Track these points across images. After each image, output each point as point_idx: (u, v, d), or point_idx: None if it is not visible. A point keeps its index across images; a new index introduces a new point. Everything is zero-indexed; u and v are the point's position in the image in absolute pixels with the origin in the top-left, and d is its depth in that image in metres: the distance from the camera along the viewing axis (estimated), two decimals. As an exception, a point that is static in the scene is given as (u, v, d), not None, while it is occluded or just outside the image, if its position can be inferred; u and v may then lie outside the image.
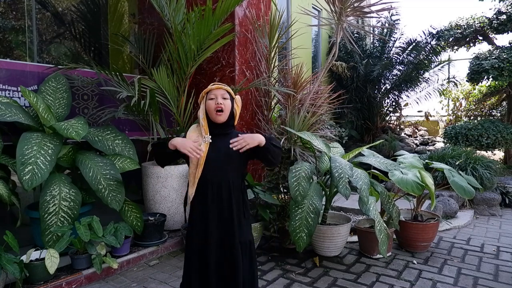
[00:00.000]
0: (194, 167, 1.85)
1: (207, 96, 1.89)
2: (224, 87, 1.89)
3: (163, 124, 3.73)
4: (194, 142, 1.82)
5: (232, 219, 1.86)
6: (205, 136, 1.85)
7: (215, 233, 1.85)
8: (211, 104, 1.85)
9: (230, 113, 1.89)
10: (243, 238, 1.89)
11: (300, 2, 6.44)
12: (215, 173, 1.85)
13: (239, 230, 1.87)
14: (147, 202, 3.61)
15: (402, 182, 2.99)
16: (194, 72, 3.88)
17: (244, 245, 1.90)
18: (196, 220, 1.90)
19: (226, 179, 1.86)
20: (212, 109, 1.84)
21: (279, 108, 4.30)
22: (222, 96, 1.86)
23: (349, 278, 2.85)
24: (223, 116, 1.86)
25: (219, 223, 1.86)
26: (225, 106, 1.85)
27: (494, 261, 3.19)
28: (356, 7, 3.39)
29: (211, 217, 1.85)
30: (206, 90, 1.90)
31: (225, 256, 1.86)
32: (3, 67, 3.10)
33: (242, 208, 1.91)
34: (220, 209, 1.86)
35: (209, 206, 1.86)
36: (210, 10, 3.12)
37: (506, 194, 5.04)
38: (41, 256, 2.58)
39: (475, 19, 7.59)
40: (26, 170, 2.51)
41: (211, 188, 1.85)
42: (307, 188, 2.85)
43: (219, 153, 1.84)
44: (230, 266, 1.84)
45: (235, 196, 1.88)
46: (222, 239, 1.86)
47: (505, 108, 7.68)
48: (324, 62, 7.81)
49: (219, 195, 1.85)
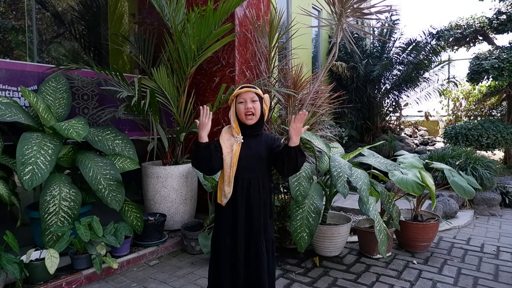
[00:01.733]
0: (228, 167, 1.90)
1: (237, 100, 1.93)
2: (253, 89, 1.92)
3: (163, 124, 3.73)
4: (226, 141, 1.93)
5: (259, 217, 1.93)
6: (237, 136, 1.91)
7: (243, 230, 1.92)
8: (241, 107, 1.90)
9: (260, 114, 1.94)
10: (267, 236, 1.97)
11: (300, 2, 6.44)
12: (246, 172, 1.91)
13: (264, 228, 1.95)
14: (147, 202, 3.61)
15: (402, 182, 2.99)
16: (194, 72, 3.88)
17: (268, 242, 1.97)
18: (225, 217, 1.96)
19: (256, 178, 1.93)
20: (242, 113, 1.89)
21: (279, 108, 4.30)
22: (251, 99, 1.90)
23: (349, 278, 2.85)
24: (254, 119, 1.91)
25: (247, 220, 1.93)
26: (255, 110, 1.90)
27: (494, 261, 3.19)
28: (356, 8, 3.39)
29: (240, 214, 1.92)
30: (235, 93, 1.94)
31: (250, 252, 1.93)
32: (3, 67, 3.10)
33: (268, 207, 1.99)
34: (248, 207, 1.92)
35: (238, 204, 1.92)
36: (211, 11, 3.12)
37: (506, 194, 5.05)
38: (41, 256, 2.58)
39: (475, 19, 7.59)
40: (26, 170, 2.51)
41: (241, 186, 1.91)
42: (307, 188, 2.85)
43: (250, 153, 1.91)
44: (255, 261, 1.92)
45: (263, 195, 1.95)
46: (249, 236, 1.93)
47: (505, 108, 7.69)
48: (324, 62, 7.81)
49: (248, 193, 1.92)
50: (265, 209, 1.97)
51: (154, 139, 3.46)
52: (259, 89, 1.95)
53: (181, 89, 3.61)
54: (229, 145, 1.92)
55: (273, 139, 2.00)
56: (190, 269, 2.99)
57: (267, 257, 1.96)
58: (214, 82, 4.07)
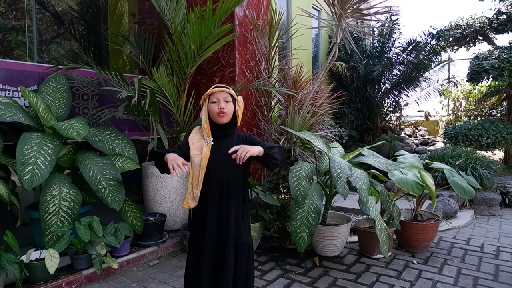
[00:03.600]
0: (197, 169, 1.84)
1: (209, 99, 1.88)
2: (227, 90, 1.88)
3: (163, 124, 3.73)
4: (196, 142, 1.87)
5: (229, 221, 1.86)
6: (207, 138, 1.86)
7: (213, 234, 1.86)
8: (214, 107, 1.85)
9: (232, 114, 1.90)
10: (240, 241, 1.89)
11: (300, 2, 6.44)
12: (216, 174, 1.85)
13: (235, 232, 1.87)
14: (147, 202, 3.61)
15: (402, 182, 2.99)
16: (194, 72, 3.88)
17: (242, 247, 1.89)
18: (196, 221, 1.91)
19: (227, 180, 1.86)
20: (215, 113, 1.85)
21: (279, 108, 4.30)
22: (224, 100, 1.85)
23: (349, 278, 2.85)
24: (226, 118, 1.86)
25: (217, 225, 1.87)
26: (227, 110, 1.85)
27: (494, 261, 3.19)
28: (355, 9, 3.39)
29: (210, 218, 1.86)
30: (208, 92, 1.89)
31: (218, 258, 1.86)
32: (3, 67, 3.10)
33: (241, 209, 1.91)
34: (219, 211, 1.86)
35: (208, 207, 1.86)
36: (210, 11, 3.12)
37: (506, 194, 5.04)
38: (41, 256, 2.58)
39: (475, 19, 7.59)
40: (26, 170, 2.51)
41: (211, 190, 1.86)
42: (307, 188, 2.85)
43: (221, 154, 1.84)
44: (221, 267, 1.84)
45: (235, 198, 1.88)
46: (218, 241, 1.87)
47: (505, 108, 7.68)
48: (324, 62, 7.81)
49: (220, 196, 1.86)
50: (237, 211, 1.89)
51: (154, 139, 3.46)
52: (232, 90, 1.92)
53: (181, 89, 3.61)
54: (198, 146, 1.87)
55: (244, 138, 1.94)
56: (190, 269, 2.99)
57: (241, 264, 1.88)
58: (214, 82, 4.07)
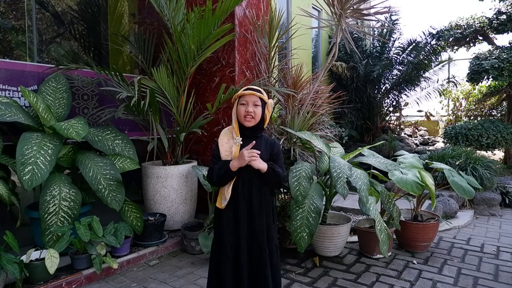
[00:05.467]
0: None
1: (239, 101, 1.89)
2: (258, 93, 1.88)
3: (163, 124, 3.73)
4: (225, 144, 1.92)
5: (261, 219, 1.90)
6: (236, 138, 1.89)
7: (245, 232, 1.89)
8: (242, 109, 1.86)
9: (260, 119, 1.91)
10: (271, 241, 1.94)
11: (300, 2, 6.44)
12: (246, 172, 1.88)
13: (267, 231, 1.92)
14: (147, 202, 3.61)
15: (402, 182, 2.99)
16: (194, 72, 3.88)
17: (272, 247, 1.95)
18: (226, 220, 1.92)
19: (256, 178, 1.89)
20: (242, 115, 1.86)
21: (279, 108, 4.30)
22: (253, 103, 1.86)
23: (349, 278, 2.84)
24: (252, 122, 1.88)
25: (249, 223, 1.90)
26: (255, 114, 1.87)
27: (494, 261, 3.19)
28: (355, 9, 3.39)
29: (242, 215, 1.89)
30: (238, 94, 1.90)
31: (253, 256, 1.89)
32: (3, 67, 3.10)
33: (270, 210, 1.96)
34: (250, 208, 1.89)
35: (239, 205, 1.89)
36: (210, 11, 3.11)
37: (506, 194, 5.04)
38: (41, 256, 2.58)
39: (475, 19, 7.59)
40: (26, 170, 2.51)
41: (242, 187, 1.89)
42: (307, 188, 2.85)
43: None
44: (259, 265, 1.88)
45: (266, 197, 1.92)
46: (251, 239, 1.89)
47: (505, 108, 7.69)
48: (324, 62, 7.81)
49: (250, 194, 1.89)
50: (267, 212, 1.93)
51: (154, 139, 3.46)
52: (264, 93, 1.91)
53: (181, 89, 3.61)
54: (228, 147, 1.91)
55: (272, 144, 1.97)
56: (190, 269, 2.99)
57: (271, 262, 1.92)
58: (214, 82, 4.07)
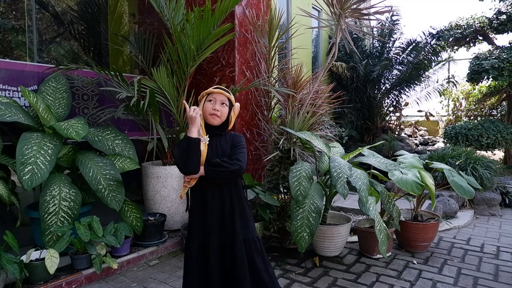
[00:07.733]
0: None
1: (207, 97, 1.89)
2: (226, 93, 1.89)
3: (163, 124, 3.73)
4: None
5: (233, 215, 1.87)
6: (203, 137, 1.88)
7: (216, 231, 1.86)
8: (208, 106, 1.87)
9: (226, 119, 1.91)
10: (250, 235, 1.90)
11: (299, 2, 6.44)
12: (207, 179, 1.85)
13: (242, 227, 1.89)
14: (147, 202, 3.61)
15: (402, 182, 2.99)
16: (194, 72, 3.88)
17: (253, 242, 1.90)
18: (196, 219, 1.91)
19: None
20: (208, 112, 1.86)
21: (279, 108, 4.30)
22: (221, 102, 1.87)
23: (349, 278, 2.84)
24: (217, 120, 1.88)
25: (221, 220, 1.87)
26: (221, 113, 1.87)
27: (494, 261, 3.19)
28: (355, 9, 3.39)
29: (212, 214, 1.86)
30: (207, 91, 1.90)
31: (225, 254, 1.85)
32: (3, 67, 3.10)
33: (244, 204, 1.94)
34: (221, 206, 1.87)
35: (209, 203, 1.87)
36: (209, 11, 3.11)
37: (506, 194, 5.04)
38: (41, 256, 2.58)
39: (475, 19, 7.59)
40: (26, 170, 2.51)
41: (211, 186, 1.87)
42: (308, 188, 2.85)
43: (217, 151, 1.87)
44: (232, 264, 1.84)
45: (236, 193, 1.90)
46: (224, 237, 1.86)
47: (505, 108, 7.68)
48: (324, 62, 7.81)
49: (220, 192, 1.87)
50: (240, 206, 1.90)
51: (154, 139, 3.46)
52: (232, 95, 1.92)
53: (181, 89, 3.61)
54: None
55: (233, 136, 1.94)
56: (190, 269, 2.99)
57: (253, 256, 1.88)
58: (214, 82, 4.07)
